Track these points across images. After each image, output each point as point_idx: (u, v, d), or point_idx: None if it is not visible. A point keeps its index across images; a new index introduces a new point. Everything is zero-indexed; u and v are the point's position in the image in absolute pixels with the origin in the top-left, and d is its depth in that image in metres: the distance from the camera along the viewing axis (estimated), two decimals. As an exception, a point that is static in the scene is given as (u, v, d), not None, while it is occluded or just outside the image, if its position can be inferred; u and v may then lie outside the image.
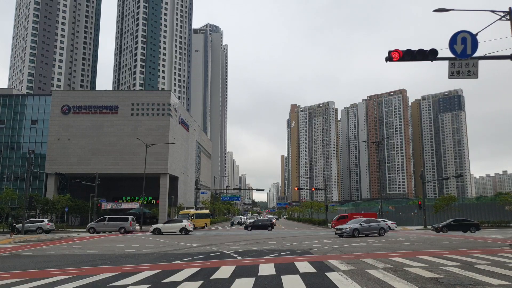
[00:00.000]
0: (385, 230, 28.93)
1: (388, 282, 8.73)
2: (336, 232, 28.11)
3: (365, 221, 28.84)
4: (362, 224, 28.09)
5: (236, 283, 9.02)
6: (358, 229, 27.61)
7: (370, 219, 30.26)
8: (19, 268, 13.20)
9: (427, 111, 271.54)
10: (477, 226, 35.56)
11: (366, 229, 28.19)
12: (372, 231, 28.48)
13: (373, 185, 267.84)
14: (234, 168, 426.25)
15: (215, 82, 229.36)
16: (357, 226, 27.76)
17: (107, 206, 63.77)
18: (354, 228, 27.53)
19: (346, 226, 28.17)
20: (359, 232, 27.59)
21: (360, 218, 31.03)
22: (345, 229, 27.51)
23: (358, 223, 28.33)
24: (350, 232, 27.23)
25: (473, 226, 35.30)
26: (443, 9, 13.78)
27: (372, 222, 29.31)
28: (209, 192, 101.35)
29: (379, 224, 29.25)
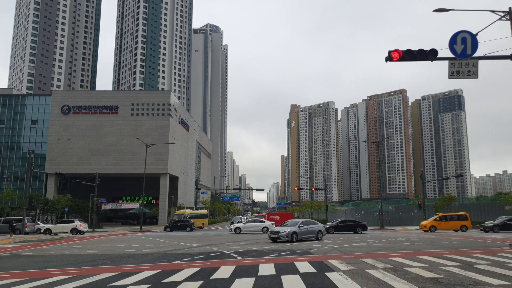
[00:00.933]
0: (322, 234, 25.50)
1: (388, 282, 8.73)
2: (271, 236, 23.62)
3: (304, 223, 24.85)
4: (300, 226, 23.99)
5: (236, 283, 9.02)
6: (297, 233, 23.44)
7: (308, 221, 26.17)
8: (19, 268, 13.20)
9: (427, 111, 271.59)
10: (363, 227, 36.25)
11: (304, 232, 24.28)
12: (310, 235, 24.71)
13: (373, 185, 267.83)
14: (234, 168, 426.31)
15: (215, 82, 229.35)
16: (296, 229, 23.55)
17: (107, 206, 63.79)
18: (292, 231, 23.19)
19: (283, 229, 23.67)
20: (298, 236, 23.47)
21: (297, 220, 26.83)
22: (282, 232, 23.03)
23: (296, 225, 24.15)
24: (288, 236, 22.88)
25: (359, 226, 36.00)
26: (443, 9, 13.78)
27: (310, 224, 25.39)
28: (209, 192, 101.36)
29: (316, 227, 25.49)
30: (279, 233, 23.13)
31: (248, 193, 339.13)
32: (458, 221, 36.93)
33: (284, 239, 22.76)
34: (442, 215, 38.82)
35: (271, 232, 23.93)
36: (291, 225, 24.27)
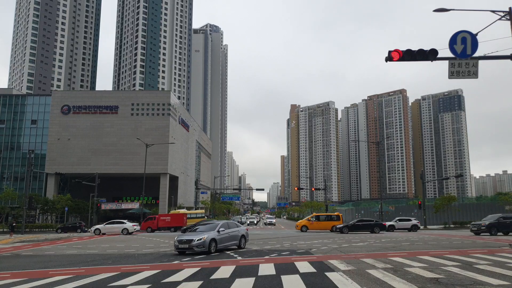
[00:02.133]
0: (245, 240, 19.35)
1: (388, 282, 8.72)
2: (179, 247, 16.51)
3: (224, 226, 18.19)
4: (221, 231, 17.50)
5: (236, 283, 9.02)
6: (216, 240, 16.93)
7: (230, 223, 19.35)
8: (19, 268, 13.20)
9: (427, 111, 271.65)
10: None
11: (226, 239, 17.85)
12: (232, 242, 18.38)
13: (373, 185, 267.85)
14: (234, 168, 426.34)
15: (215, 82, 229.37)
16: (215, 235, 16.99)
17: (107, 206, 63.82)
18: (211, 238, 16.59)
19: (197, 235, 16.68)
20: (217, 245, 16.96)
21: (215, 222, 19.73)
22: (196, 241, 16.19)
23: (215, 229, 17.49)
24: (205, 245, 16.21)
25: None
26: (443, 9, 13.78)
27: (232, 228, 18.81)
28: (209, 192, 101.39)
29: (239, 231, 19.05)
30: (191, 241, 16.17)
31: (248, 193, 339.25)
32: (330, 221, 37.87)
33: (198, 249, 16.12)
34: (315, 215, 40.00)
35: (180, 241, 16.46)
36: (208, 230, 17.43)
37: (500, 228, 28.02)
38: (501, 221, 28.10)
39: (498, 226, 27.87)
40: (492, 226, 27.73)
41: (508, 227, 28.11)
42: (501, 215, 29.41)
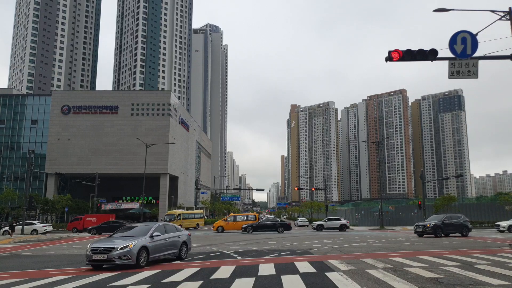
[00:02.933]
0: (187, 249, 15.06)
1: (388, 282, 8.72)
2: (93, 258, 12.09)
3: (159, 230, 13.66)
4: (154, 236, 13.14)
5: (236, 283, 9.02)
6: (148, 249, 12.64)
7: (168, 225, 14.70)
8: (19, 268, 13.21)
9: (427, 111, 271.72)
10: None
11: (161, 247, 13.37)
12: (170, 251, 13.93)
13: (373, 185, 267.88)
14: (234, 168, 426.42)
15: (215, 82, 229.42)
16: (146, 241, 12.67)
17: (107, 206, 63.85)
18: (140, 246, 12.31)
19: (122, 242, 12.29)
20: (149, 255, 12.67)
21: (147, 224, 14.36)
22: (119, 250, 11.86)
23: (147, 234, 13.07)
24: (132, 256, 11.90)
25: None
26: (443, 9, 13.78)
27: (171, 232, 14.43)
28: (209, 192, 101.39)
29: (180, 237, 14.72)
30: (111, 250, 11.77)
31: (248, 193, 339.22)
32: (247, 221, 38.57)
33: (121, 261, 11.78)
34: (233, 215, 40.82)
35: (94, 249, 12.08)
36: (138, 235, 13.08)
37: (446, 229, 26.69)
38: (445, 222, 26.79)
39: (444, 227, 26.57)
40: (437, 227, 26.26)
41: (453, 227, 26.93)
42: (446, 215, 28.05)
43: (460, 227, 27.02)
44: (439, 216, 28.49)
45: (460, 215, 28.71)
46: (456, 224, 27.10)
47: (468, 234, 26.98)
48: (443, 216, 27.79)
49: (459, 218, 27.81)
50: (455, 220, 27.37)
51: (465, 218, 28.17)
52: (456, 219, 27.51)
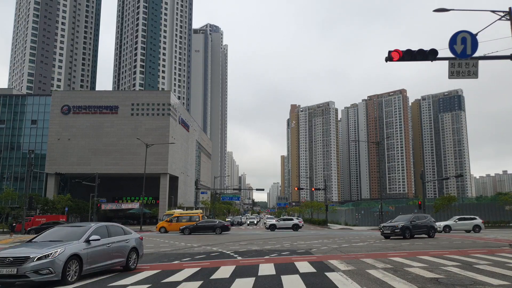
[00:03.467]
0: (138, 256, 12.12)
1: (388, 282, 8.72)
2: None
3: (99, 232, 10.67)
4: (91, 241, 10.11)
5: (236, 283, 9.02)
6: (82, 258, 9.54)
7: (109, 226, 11.55)
8: (19, 268, 13.17)
9: (427, 111, 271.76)
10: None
11: (101, 255, 10.41)
12: (115, 261, 11.02)
13: (373, 185, 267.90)
14: (234, 168, 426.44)
15: (215, 82, 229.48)
16: (79, 248, 9.59)
17: (107, 207, 63.85)
18: (70, 254, 9.15)
19: (42, 249, 9.01)
20: (83, 266, 9.63)
21: (85, 225, 10.86)
22: (37, 260, 8.59)
23: (82, 237, 10.02)
24: (56, 269, 8.70)
25: None
26: (443, 9, 13.78)
27: (115, 235, 11.36)
28: (209, 192, 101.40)
29: (127, 241, 11.70)
30: (24, 262, 8.63)
31: (248, 193, 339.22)
32: (189, 221, 38.83)
33: (39, 277, 8.61)
34: (176, 216, 41.21)
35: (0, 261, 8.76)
36: (69, 239, 9.94)
37: (414, 230, 25.32)
38: (413, 223, 25.47)
39: (412, 228, 25.17)
40: (406, 228, 24.69)
41: (420, 228, 25.81)
42: (414, 216, 26.75)
43: (427, 228, 26.08)
44: (406, 216, 27.01)
45: (426, 215, 27.77)
46: (424, 225, 26.00)
47: (434, 235, 26.26)
48: (411, 217, 26.32)
49: (426, 218, 26.73)
50: (422, 220, 26.21)
51: (431, 219, 27.46)
52: (424, 219, 26.41)
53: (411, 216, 26.56)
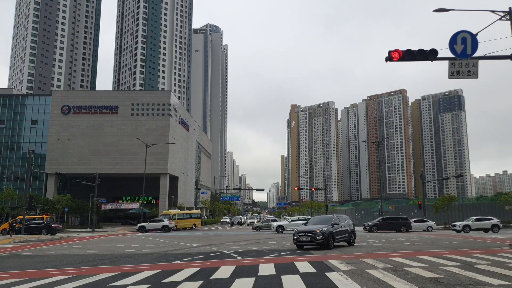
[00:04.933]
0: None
1: (388, 282, 8.72)
2: None
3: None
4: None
5: (236, 283, 9.02)
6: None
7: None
8: (19, 268, 13.20)
9: (427, 111, 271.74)
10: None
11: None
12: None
13: (373, 185, 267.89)
14: (234, 168, 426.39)
15: (215, 82, 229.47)
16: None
17: (107, 207, 63.80)
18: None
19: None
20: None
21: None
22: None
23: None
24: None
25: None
26: (443, 9, 13.78)
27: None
28: (209, 192, 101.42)
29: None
30: None
31: (248, 193, 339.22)
32: None
33: None
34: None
35: None
36: None
37: (337, 237, 28.33)
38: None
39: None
40: (330, 235, 27.81)
41: (342, 234, 28.54)
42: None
43: (348, 234, 28.32)
44: (325, 217, 29.95)
45: (346, 217, 30.95)
46: (345, 230, 28.78)
47: (355, 243, 28.20)
48: (332, 218, 29.24)
49: (346, 220, 31.17)
50: (343, 223, 29.69)
51: (351, 221, 31.32)
52: (344, 222, 29.90)
53: (333, 217, 20.91)
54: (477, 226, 35.39)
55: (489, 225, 35.87)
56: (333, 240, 18.66)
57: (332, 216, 20.98)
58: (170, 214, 48.96)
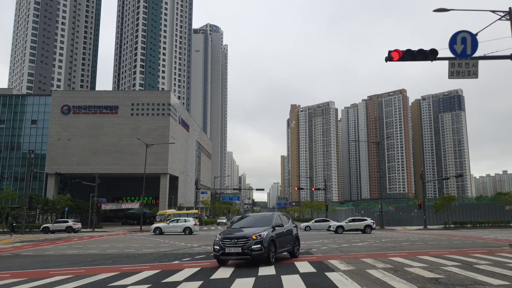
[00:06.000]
0: None
1: (388, 282, 8.72)
2: None
3: None
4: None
5: (236, 283, 9.02)
6: None
7: None
8: (19, 268, 13.20)
9: (427, 111, 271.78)
10: None
11: None
12: None
13: (373, 185, 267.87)
14: (234, 168, 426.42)
15: (215, 82, 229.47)
16: None
17: (107, 207, 63.84)
18: None
19: None
20: None
21: None
22: None
23: None
24: None
25: None
26: (443, 9, 13.78)
27: None
28: (209, 192, 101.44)
29: None
30: None
31: (248, 193, 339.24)
32: None
33: None
34: None
35: None
36: None
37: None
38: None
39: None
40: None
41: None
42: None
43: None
44: (348, 218, 38.20)
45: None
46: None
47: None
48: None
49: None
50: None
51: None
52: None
53: (273, 216, 14.45)
54: (351, 227, 36.28)
55: (362, 226, 36.24)
56: (275, 251, 12.79)
57: (273, 215, 14.23)
58: (165, 214, 48.48)
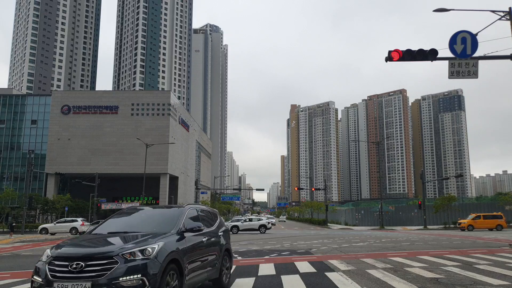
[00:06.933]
0: None
1: (388, 282, 8.72)
2: None
3: None
4: None
5: (236, 283, 9.02)
6: None
7: None
8: (19, 268, 13.19)
9: (427, 111, 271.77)
10: None
11: None
12: None
13: (373, 185, 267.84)
14: (234, 168, 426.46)
15: (215, 82, 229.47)
16: None
17: (107, 207, 63.85)
18: None
19: None
20: None
21: None
22: None
23: None
24: None
25: None
26: (443, 9, 13.78)
27: None
28: (209, 192, 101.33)
29: None
30: None
31: (248, 193, 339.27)
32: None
33: None
34: None
35: None
36: None
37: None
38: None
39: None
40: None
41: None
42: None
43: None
44: None
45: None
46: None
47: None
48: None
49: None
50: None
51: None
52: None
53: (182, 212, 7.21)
54: (246, 227, 36.54)
55: (257, 226, 36.31)
56: (181, 283, 5.95)
57: (181, 210, 7.29)
58: None
